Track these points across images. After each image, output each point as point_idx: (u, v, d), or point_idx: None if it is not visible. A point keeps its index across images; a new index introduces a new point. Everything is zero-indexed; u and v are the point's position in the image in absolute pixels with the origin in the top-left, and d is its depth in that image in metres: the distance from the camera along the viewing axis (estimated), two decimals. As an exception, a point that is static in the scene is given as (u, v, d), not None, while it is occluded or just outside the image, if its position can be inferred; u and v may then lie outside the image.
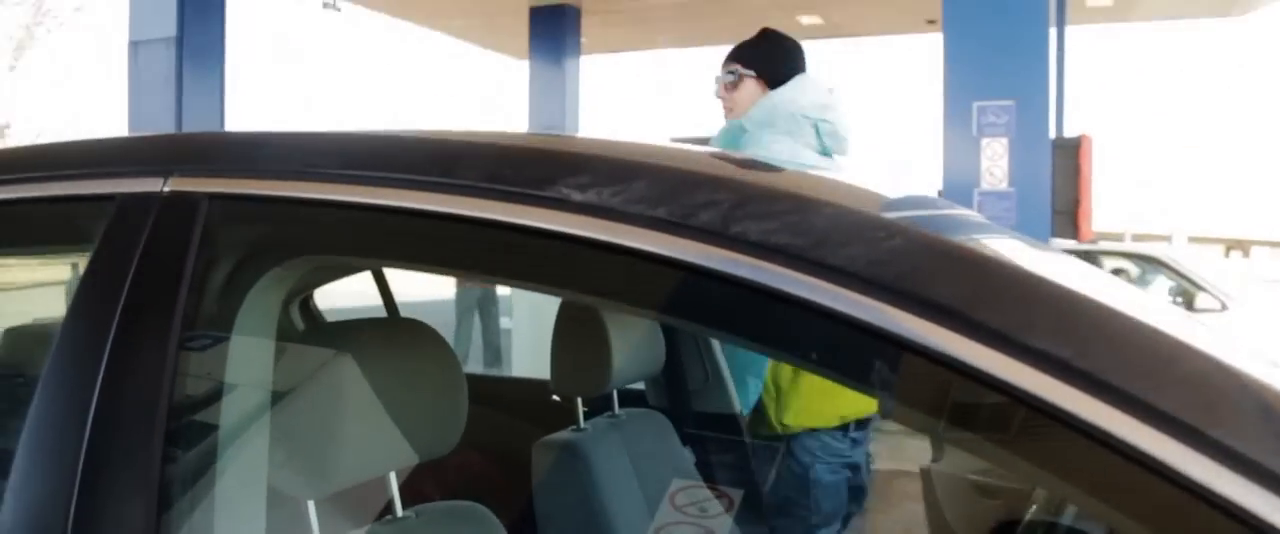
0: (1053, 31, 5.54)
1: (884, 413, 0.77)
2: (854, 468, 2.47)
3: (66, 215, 1.09)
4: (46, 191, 1.09)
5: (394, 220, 0.90)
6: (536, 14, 10.01)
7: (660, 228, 0.78)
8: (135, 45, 6.96)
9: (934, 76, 5.17)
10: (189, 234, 0.95)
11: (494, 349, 8.55)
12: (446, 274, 1.10)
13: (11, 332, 1.99)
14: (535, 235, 0.82)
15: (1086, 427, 0.63)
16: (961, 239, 0.80)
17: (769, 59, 2.67)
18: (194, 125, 6.79)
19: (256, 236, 1.01)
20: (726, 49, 2.78)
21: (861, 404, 2.28)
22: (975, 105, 4.97)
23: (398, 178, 0.90)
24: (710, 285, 0.75)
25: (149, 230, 0.96)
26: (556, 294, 1.02)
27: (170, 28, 6.79)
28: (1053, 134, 5.39)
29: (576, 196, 0.81)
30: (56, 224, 1.12)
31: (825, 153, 2.58)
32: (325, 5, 9.58)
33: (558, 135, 1.96)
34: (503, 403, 2.13)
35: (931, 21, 8.33)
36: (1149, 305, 0.95)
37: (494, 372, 8.06)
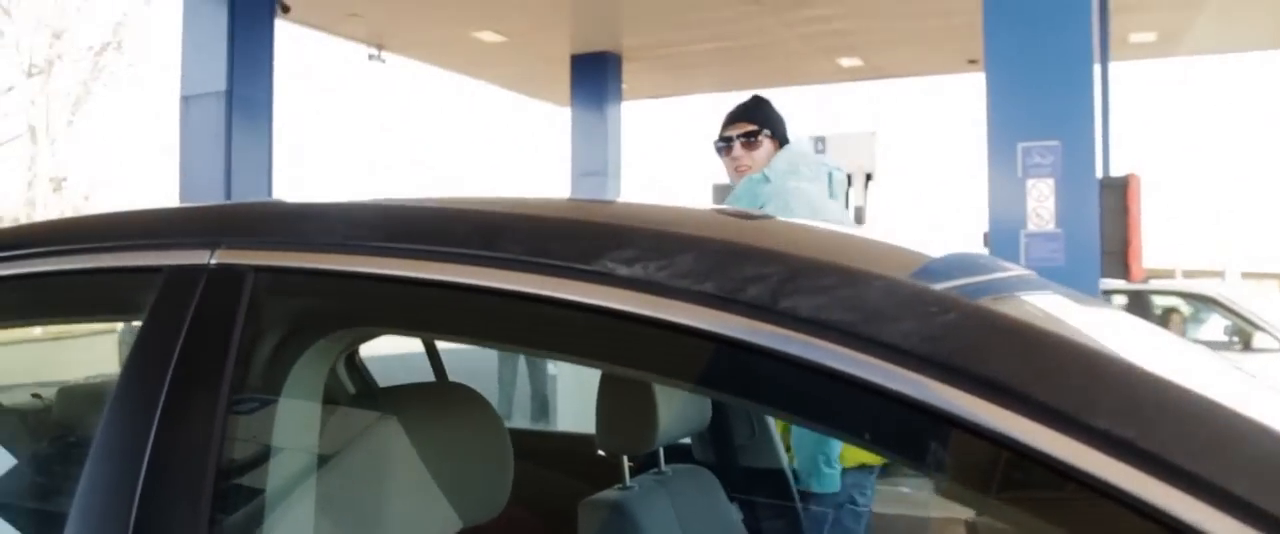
0: (1096, 69, 5.46)
1: (938, 490, 0.75)
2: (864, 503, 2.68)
3: (117, 287, 1.10)
4: (97, 263, 1.11)
5: (439, 294, 0.90)
6: (578, 61, 10.12)
7: (708, 303, 0.76)
8: (187, 100, 7.15)
9: (978, 117, 5.11)
10: (236, 306, 0.96)
11: (541, 397, 8.53)
12: (492, 347, 1.10)
13: (66, 390, 2.02)
14: (580, 310, 0.81)
15: (1155, 512, 0.60)
16: (1017, 310, 0.78)
17: (779, 121, 2.97)
18: (244, 175, 6.93)
19: (302, 309, 1.02)
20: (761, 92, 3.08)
21: None
22: (1020, 146, 4.90)
23: (442, 251, 0.90)
24: (760, 362, 0.74)
25: (196, 302, 0.97)
26: (603, 369, 1.01)
27: (220, 82, 6.96)
28: (1099, 173, 5.29)
29: (622, 271, 0.80)
30: (107, 295, 1.13)
31: (833, 196, 2.87)
32: (371, 57, 9.78)
33: (602, 204, 1.96)
34: (548, 458, 2.11)
35: (973, 61, 8.29)
36: (1214, 373, 0.92)
37: (541, 423, 8.04)
